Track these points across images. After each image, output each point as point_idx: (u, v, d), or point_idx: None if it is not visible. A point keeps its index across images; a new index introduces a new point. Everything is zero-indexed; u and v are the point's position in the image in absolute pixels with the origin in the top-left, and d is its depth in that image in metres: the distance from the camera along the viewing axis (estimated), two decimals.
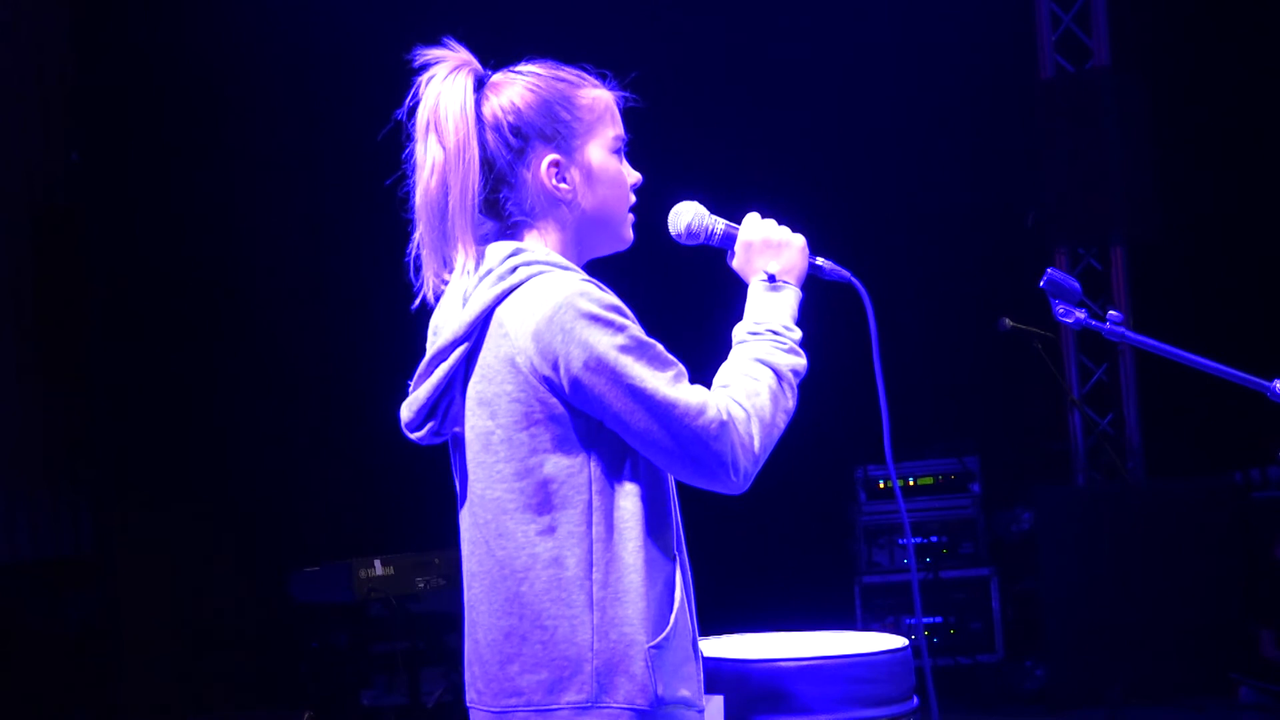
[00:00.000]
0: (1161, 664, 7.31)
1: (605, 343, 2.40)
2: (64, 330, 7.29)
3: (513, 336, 2.45)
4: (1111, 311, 3.28)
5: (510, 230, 2.58)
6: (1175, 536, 7.48)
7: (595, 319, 2.41)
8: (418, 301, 2.58)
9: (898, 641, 3.96)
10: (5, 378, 7.14)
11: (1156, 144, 7.88)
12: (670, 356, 2.44)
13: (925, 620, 7.97)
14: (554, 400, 2.43)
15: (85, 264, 7.31)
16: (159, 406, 7.42)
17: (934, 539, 8.05)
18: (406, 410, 2.60)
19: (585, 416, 2.44)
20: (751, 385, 2.50)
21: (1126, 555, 7.40)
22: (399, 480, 7.08)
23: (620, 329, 2.41)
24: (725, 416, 2.42)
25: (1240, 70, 8.24)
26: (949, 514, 8.09)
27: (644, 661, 2.43)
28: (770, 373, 2.53)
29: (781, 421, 2.51)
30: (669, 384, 2.41)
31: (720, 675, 3.63)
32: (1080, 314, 3.23)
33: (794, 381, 2.55)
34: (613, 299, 2.44)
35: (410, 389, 2.59)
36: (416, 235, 2.56)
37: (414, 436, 2.62)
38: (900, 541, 8.02)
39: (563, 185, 2.56)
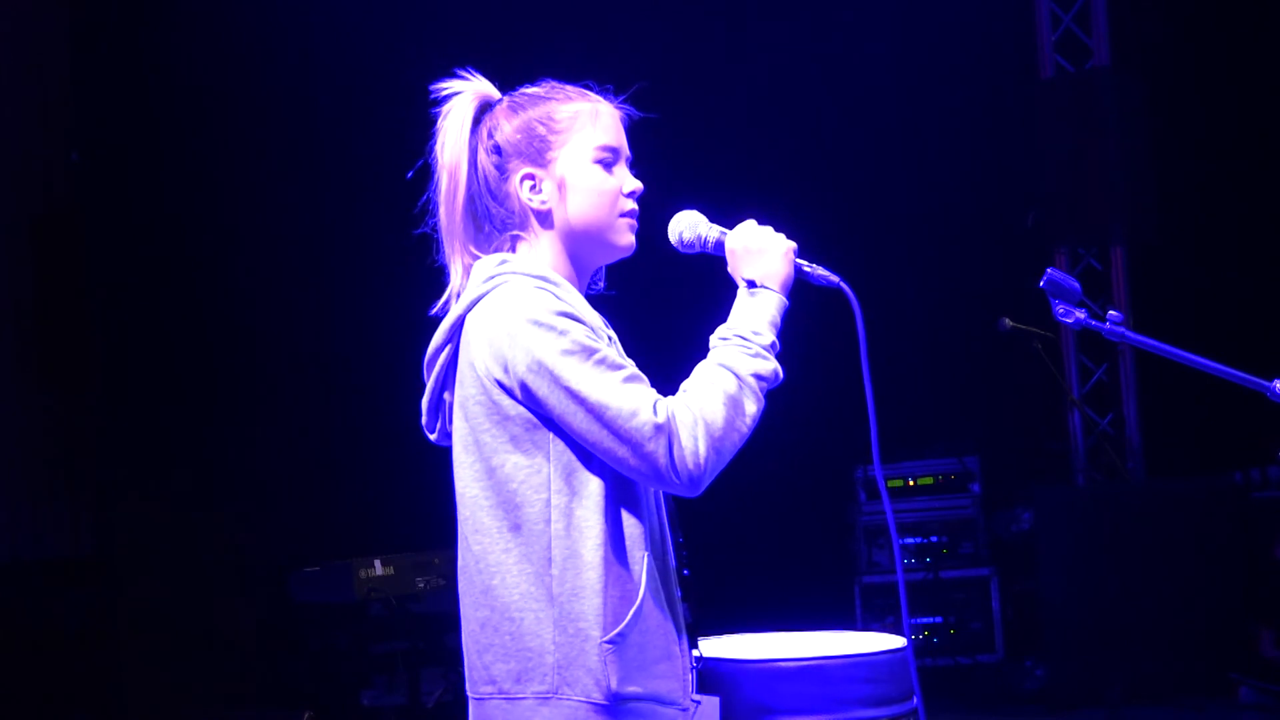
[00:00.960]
0: (1161, 664, 7.31)
1: (547, 346, 2.50)
2: (64, 331, 7.30)
3: (473, 343, 2.59)
4: (1111, 311, 3.28)
5: (506, 243, 2.71)
6: (1175, 536, 7.48)
7: (539, 324, 2.51)
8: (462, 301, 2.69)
9: (898, 641, 3.96)
10: (5, 378, 7.14)
11: (1156, 144, 7.88)
12: (621, 361, 2.53)
13: (925, 620, 7.97)
14: (508, 402, 2.54)
15: (85, 265, 7.31)
16: (159, 406, 7.42)
17: (934, 539, 8.06)
18: (422, 413, 2.76)
19: (539, 418, 2.54)
20: (707, 390, 2.54)
21: (1126, 555, 7.40)
22: (399, 480, 7.08)
23: (563, 333, 2.51)
24: (662, 420, 2.48)
25: (1240, 70, 8.24)
26: (949, 514, 8.09)
27: (598, 656, 2.51)
28: (730, 377, 2.56)
29: (742, 425, 2.54)
30: (608, 387, 2.49)
31: (720, 675, 3.63)
32: (1080, 314, 3.24)
33: (756, 386, 2.57)
34: (564, 305, 2.55)
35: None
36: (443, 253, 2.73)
37: (431, 438, 2.78)
38: (900, 542, 8.02)
39: (538, 197, 2.67)
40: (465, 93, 2.72)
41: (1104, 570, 7.41)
